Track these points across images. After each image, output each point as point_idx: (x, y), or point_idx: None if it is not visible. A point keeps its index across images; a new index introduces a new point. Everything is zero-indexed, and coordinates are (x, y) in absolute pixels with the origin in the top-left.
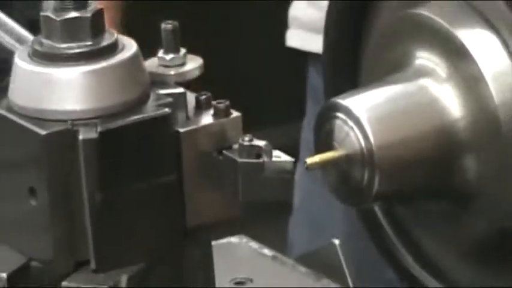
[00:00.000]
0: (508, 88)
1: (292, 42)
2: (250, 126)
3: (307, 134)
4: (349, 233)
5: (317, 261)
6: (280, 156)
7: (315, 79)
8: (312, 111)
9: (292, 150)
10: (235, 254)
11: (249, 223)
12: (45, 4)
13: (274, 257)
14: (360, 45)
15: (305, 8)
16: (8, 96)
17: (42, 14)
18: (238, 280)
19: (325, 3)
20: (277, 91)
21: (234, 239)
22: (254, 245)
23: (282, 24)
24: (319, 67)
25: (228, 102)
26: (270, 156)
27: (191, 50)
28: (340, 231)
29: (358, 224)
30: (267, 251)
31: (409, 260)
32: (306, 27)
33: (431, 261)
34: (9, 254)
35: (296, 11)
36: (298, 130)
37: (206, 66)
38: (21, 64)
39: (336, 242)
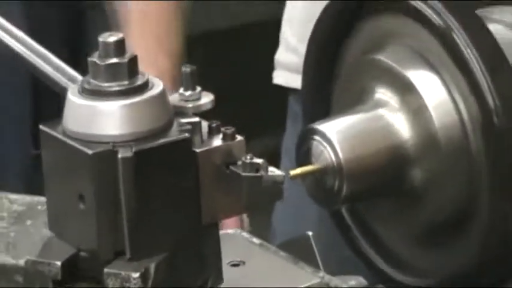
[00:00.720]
0: (446, 114)
1: (278, 80)
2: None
3: (287, 144)
4: (321, 224)
5: (295, 248)
6: (274, 171)
7: (294, 105)
8: (291, 127)
9: (273, 156)
10: (232, 242)
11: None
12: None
13: (261, 244)
14: (330, 83)
15: (287, 54)
16: (63, 123)
17: (89, 59)
18: (233, 263)
19: (303, 51)
20: (263, 112)
21: (230, 231)
22: (246, 235)
23: (270, 65)
24: (298, 98)
25: (234, 129)
26: (266, 170)
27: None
28: (314, 223)
29: (328, 220)
30: (255, 240)
31: (367, 248)
32: (288, 69)
33: (386, 248)
34: (62, 245)
35: (280, 56)
36: (279, 141)
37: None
38: (73, 99)
39: (310, 233)
